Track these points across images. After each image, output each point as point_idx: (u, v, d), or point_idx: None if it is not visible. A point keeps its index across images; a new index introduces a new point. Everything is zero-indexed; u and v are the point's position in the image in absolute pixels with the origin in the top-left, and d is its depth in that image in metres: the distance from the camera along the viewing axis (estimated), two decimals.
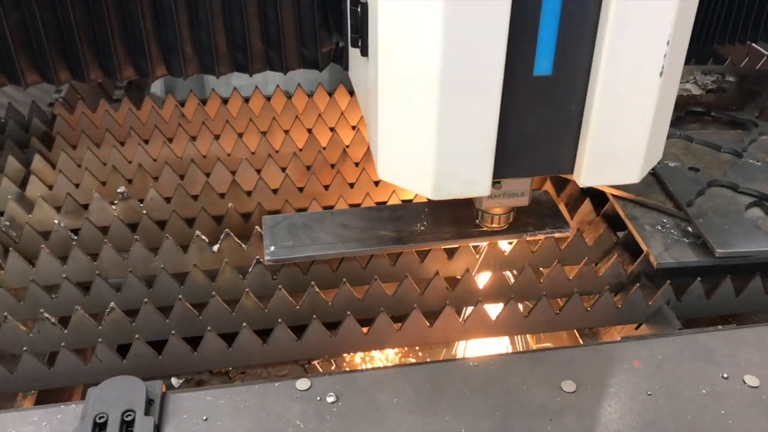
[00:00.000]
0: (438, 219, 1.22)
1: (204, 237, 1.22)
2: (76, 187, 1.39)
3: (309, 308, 1.13)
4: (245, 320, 1.11)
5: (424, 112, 0.88)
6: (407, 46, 0.86)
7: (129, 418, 0.90)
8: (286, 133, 1.53)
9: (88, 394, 0.93)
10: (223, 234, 1.23)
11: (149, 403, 0.93)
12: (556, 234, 1.21)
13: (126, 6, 1.26)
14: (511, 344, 1.34)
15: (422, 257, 1.22)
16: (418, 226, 1.20)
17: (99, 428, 0.87)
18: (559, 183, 1.42)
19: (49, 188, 1.39)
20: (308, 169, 1.43)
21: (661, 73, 0.89)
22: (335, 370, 1.47)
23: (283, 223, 1.21)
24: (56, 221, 1.27)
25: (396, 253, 1.20)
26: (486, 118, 0.89)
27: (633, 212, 1.25)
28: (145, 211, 1.28)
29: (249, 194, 1.37)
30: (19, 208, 1.32)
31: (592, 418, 0.92)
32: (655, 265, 1.14)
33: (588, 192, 1.35)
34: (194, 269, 1.16)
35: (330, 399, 0.94)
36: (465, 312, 1.15)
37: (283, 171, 1.41)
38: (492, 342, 1.30)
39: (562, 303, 1.15)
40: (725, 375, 0.98)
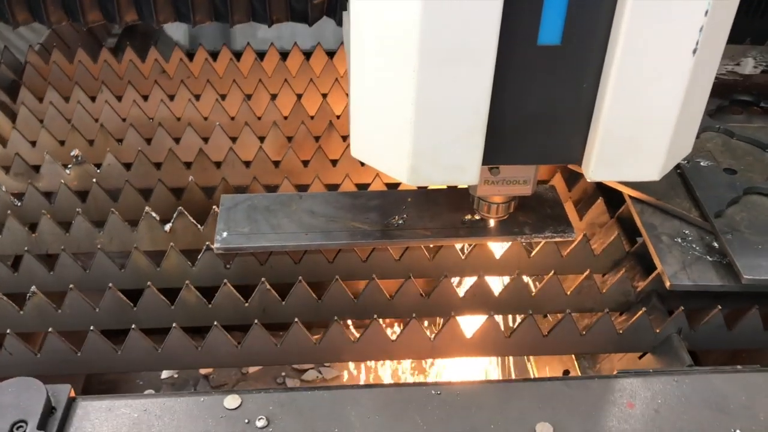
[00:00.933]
0: (421, 211, 1.06)
1: (154, 214, 1.08)
2: (33, 145, 1.26)
3: (258, 307, 0.98)
4: (185, 316, 0.97)
5: (400, 81, 0.74)
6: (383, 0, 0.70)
7: (20, 431, 0.77)
8: (273, 98, 1.37)
9: None
10: (176, 211, 1.08)
11: (49, 413, 0.80)
12: (557, 238, 1.04)
13: None
14: (502, 365, 1.18)
15: (400, 254, 1.06)
16: (396, 219, 1.04)
17: None
18: (571, 176, 1.23)
19: (3, 146, 1.26)
20: (289, 140, 1.27)
21: (695, 51, 0.72)
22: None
23: (243, 205, 1.06)
24: None
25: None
26: (476, 93, 0.74)
27: (651, 219, 1.06)
28: (95, 180, 1.14)
29: (218, 166, 1.22)
30: None
31: None
32: (669, 286, 0.96)
33: (603, 190, 1.17)
34: (135, 252, 1.02)
35: (260, 423, 0.80)
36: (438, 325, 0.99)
37: (261, 141, 1.26)
38: (477, 362, 1.14)
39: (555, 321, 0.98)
40: (737, 431, 0.81)
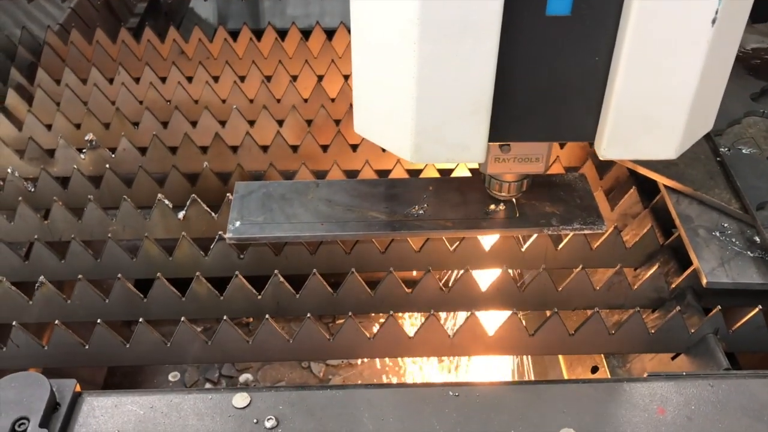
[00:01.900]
0: (443, 201, 1.01)
1: (167, 201, 1.05)
2: (48, 129, 1.23)
3: (272, 300, 0.95)
4: (196, 308, 0.94)
5: (401, 56, 0.70)
6: None
7: (21, 428, 0.75)
8: (293, 79, 1.33)
9: None
10: (189, 199, 1.05)
11: (53, 409, 0.78)
12: (586, 231, 0.98)
13: None
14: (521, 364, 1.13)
15: (420, 245, 1.01)
16: (416, 209, 0.99)
17: None
18: (603, 163, 1.17)
19: (19, 129, 1.24)
20: (308, 124, 1.23)
21: (714, 21, 0.67)
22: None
23: (258, 193, 1.02)
24: (9, 170, 1.11)
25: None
26: (480, 67, 0.70)
27: (687, 210, 1.00)
28: (108, 165, 1.11)
29: (234, 151, 1.18)
30: None
31: None
32: (705, 284, 0.90)
33: (637, 178, 1.10)
34: (147, 241, 0.99)
35: (269, 424, 0.77)
36: (456, 321, 0.95)
37: (280, 125, 1.22)
38: (498, 361, 1.10)
39: (584, 318, 0.93)
40: None
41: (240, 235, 0.96)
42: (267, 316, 0.88)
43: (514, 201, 0.99)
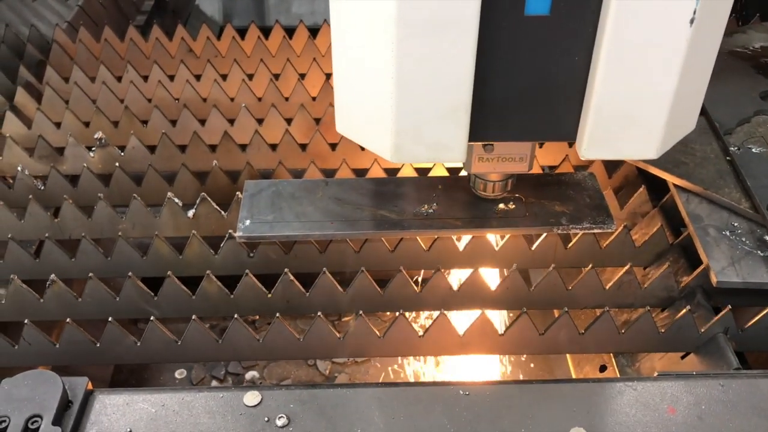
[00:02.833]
0: (452, 200, 1.01)
1: (177, 199, 1.05)
2: (57, 127, 1.24)
3: (282, 298, 0.95)
4: (206, 306, 0.94)
5: (380, 55, 0.71)
6: None
7: (34, 426, 0.75)
8: (301, 77, 1.33)
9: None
10: (199, 197, 1.05)
11: (66, 407, 0.78)
12: (596, 230, 0.98)
13: None
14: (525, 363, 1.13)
15: (429, 244, 1.01)
16: (426, 207, 0.99)
17: None
18: (611, 162, 1.17)
19: (28, 127, 1.24)
20: (317, 123, 1.23)
21: (692, 21, 0.68)
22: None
23: (267, 191, 1.02)
24: (19, 168, 1.12)
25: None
26: (459, 67, 0.71)
27: (697, 210, 1.00)
28: (117, 164, 1.12)
29: (243, 149, 1.19)
30: None
31: None
32: (715, 283, 0.90)
33: (646, 177, 1.10)
34: (157, 239, 0.99)
35: (280, 422, 0.77)
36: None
37: (288, 123, 1.22)
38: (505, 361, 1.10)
39: (593, 317, 0.93)
40: None
41: (250, 233, 0.96)
42: (277, 314, 0.88)
43: (523, 200, 1.00)
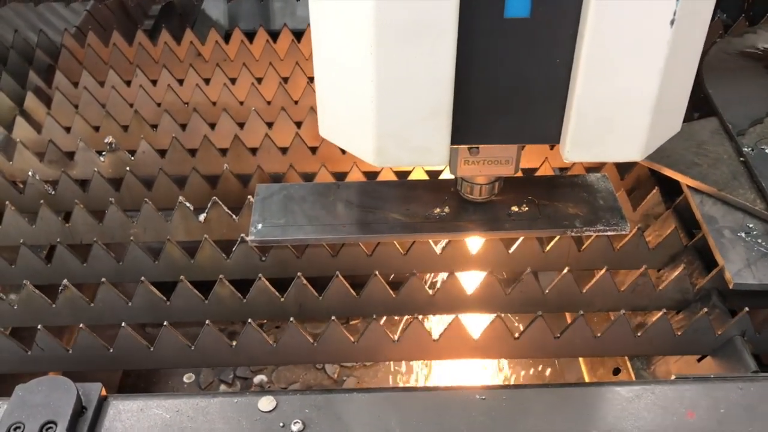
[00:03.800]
0: (465, 202, 1.00)
1: (188, 203, 1.05)
2: (67, 131, 1.24)
3: (294, 302, 0.95)
4: (219, 311, 0.94)
5: (359, 58, 0.70)
6: None
7: None
8: (310, 81, 1.33)
9: (13, 394, 0.79)
10: (210, 201, 1.05)
11: (80, 412, 0.78)
12: (610, 232, 0.97)
13: None
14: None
15: (441, 247, 1.01)
16: (438, 210, 0.99)
17: None
18: (623, 163, 1.16)
19: (38, 132, 1.24)
20: None
21: (672, 22, 0.67)
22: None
23: (278, 195, 1.02)
24: (30, 172, 1.12)
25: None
26: (438, 70, 0.70)
27: (711, 211, 0.99)
28: (128, 168, 1.11)
29: (254, 153, 1.18)
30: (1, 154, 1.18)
31: None
32: (731, 286, 0.89)
33: (659, 178, 1.10)
34: (169, 244, 0.99)
35: (295, 427, 0.77)
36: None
37: (298, 127, 1.22)
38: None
39: (607, 321, 0.92)
40: None
41: (262, 237, 0.96)
42: (291, 318, 0.87)
43: (536, 202, 0.99)
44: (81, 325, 0.86)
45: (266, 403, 0.79)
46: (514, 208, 0.99)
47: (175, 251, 0.99)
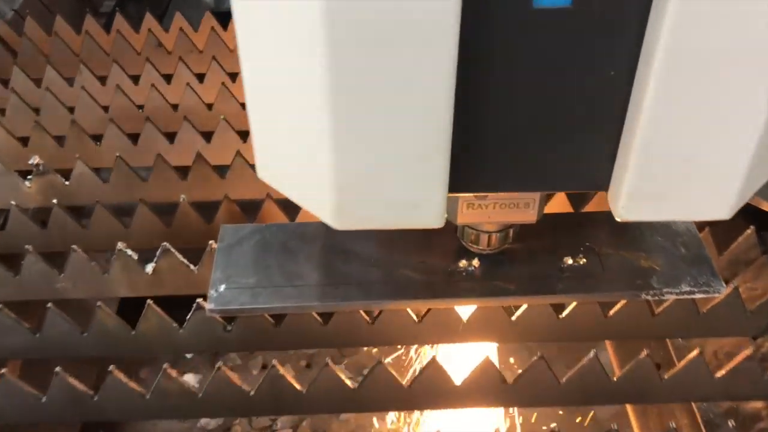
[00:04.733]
0: (503, 252, 0.74)
1: (130, 251, 0.79)
2: None
3: (268, 396, 0.69)
4: (162, 408, 0.69)
5: (306, 77, 0.46)
6: None
7: None
8: None
9: None
10: (160, 248, 0.79)
11: None
12: (698, 295, 0.71)
13: None
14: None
15: (468, 314, 0.75)
16: (465, 263, 0.73)
17: None
18: None
19: None
20: None
21: None
22: None
23: (250, 241, 0.76)
24: None
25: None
26: (430, 90, 0.46)
27: None
28: (55, 201, 0.85)
29: (222, 175, 0.92)
30: None
31: None
32: None
33: (752, 212, 0.84)
34: (100, 311, 0.73)
35: None
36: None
37: None
38: None
39: (688, 412, 0.67)
40: None
41: (224, 306, 0.70)
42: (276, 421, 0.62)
43: (596, 251, 0.73)
44: None
45: None
46: (568, 260, 0.73)
47: (109, 319, 0.73)
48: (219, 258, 0.74)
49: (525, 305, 0.74)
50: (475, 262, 0.73)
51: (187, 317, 0.74)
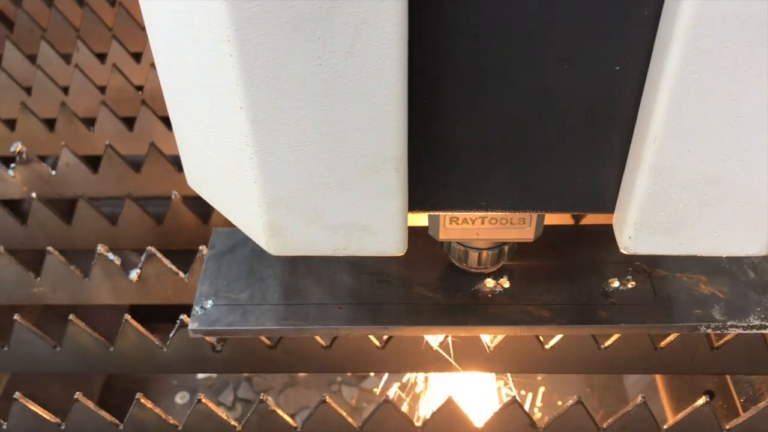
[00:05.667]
0: (538, 271, 0.64)
1: (110, 254, 0.70)
2: None
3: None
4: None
5: (222, 82, 0.38)
6: None
7: None
8: None
9: None
10: (145, 253, 0.70)
11: None
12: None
13: None
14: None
15: (494, 341, 0.65)
16: (494, 284, 0.62)
17: None
18: None
19: None
20: None
21: None
22: None
23: (243, 248, 0.66)
24: None
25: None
26: (377, 83, 0.37)
27: None
28: (34, 195, 0.77)
29: None
30: None
31: None
32: None
33: None
34: (72, 325, 0.64)
35: None
36: None
37: None
38: None
39: None
40: None
41: (210, 326, 0.60)
42: None
43: (648, 272, 0.62)
44: None
45: None
46: (614, 283, 0.62)
47: (84, 337, 0.64)
48: (207, 268, 0.64)
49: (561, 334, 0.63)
50: (505, 282, 0.62)
51: (170, 334, 0.64)
